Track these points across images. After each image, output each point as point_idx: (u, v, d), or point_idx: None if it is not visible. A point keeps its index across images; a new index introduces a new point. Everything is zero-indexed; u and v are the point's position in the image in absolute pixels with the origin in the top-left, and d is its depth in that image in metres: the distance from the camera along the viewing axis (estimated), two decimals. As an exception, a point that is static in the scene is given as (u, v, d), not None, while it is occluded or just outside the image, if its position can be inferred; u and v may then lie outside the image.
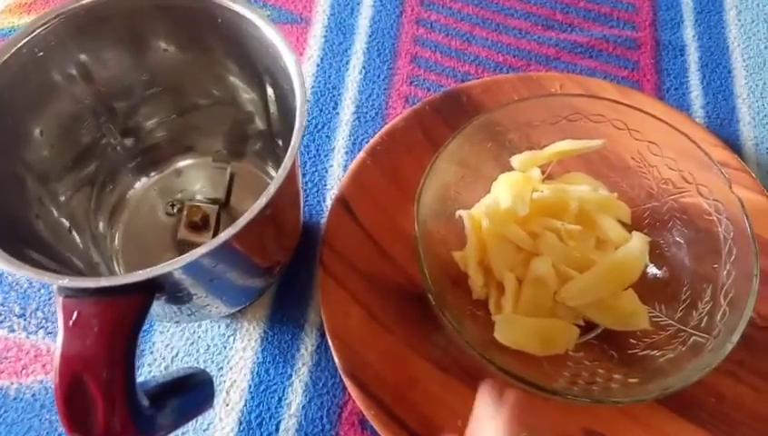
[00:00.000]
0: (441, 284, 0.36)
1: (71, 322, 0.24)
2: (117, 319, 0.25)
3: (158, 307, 0.32)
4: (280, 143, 0.39)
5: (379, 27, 0.53)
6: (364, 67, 0.51)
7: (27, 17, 0.54)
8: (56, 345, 0.25)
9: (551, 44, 0.52)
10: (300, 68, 0.30)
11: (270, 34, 0.31)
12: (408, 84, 0.50)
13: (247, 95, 0.38)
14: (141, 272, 0.25)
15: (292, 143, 0.28)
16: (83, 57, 0.34)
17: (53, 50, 0.32)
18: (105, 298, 0.25)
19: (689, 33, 0.53)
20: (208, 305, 0.33)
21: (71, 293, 0.25)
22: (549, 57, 0.52)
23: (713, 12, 0.54)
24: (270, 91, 0.36)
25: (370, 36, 0.53)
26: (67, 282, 0.24)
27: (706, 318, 0.35)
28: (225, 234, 0.25)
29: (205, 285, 0.31)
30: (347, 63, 0.51)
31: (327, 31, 0.53)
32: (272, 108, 0.37)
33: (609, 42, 0.52)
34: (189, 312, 0.34)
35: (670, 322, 0.38)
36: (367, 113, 0.49)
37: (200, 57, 0.36)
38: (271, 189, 0.27)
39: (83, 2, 0.32)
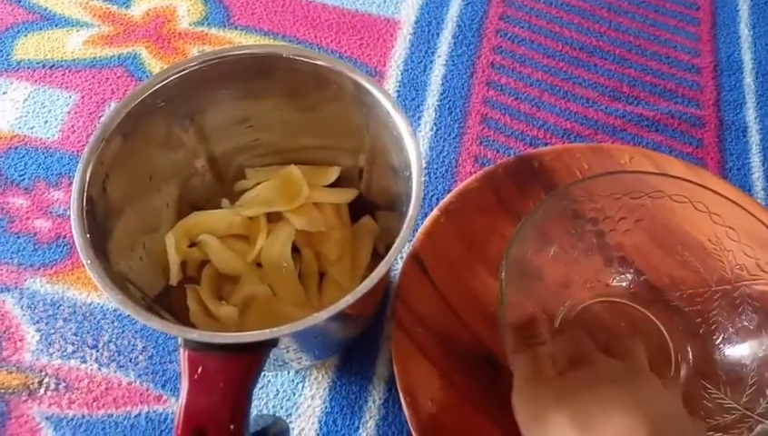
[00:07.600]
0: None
1: (196, 376, 0.25)
2: (241, 375, 0.25)
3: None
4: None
5: (451, 86, 0.54)
6: (435, 124, 0.52)
7: (109, 49, 0.56)
8: (180, 397, 0.25)
9: (618, 115, 0.54)
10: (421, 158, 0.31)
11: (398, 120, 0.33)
12: (478, 144, 0.52)
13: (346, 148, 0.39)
14: (267, 330, 0.25)
15: (405, 224, 0.29)
16: (197, 108, 0.35)
17: (173, 101, 0.33)
18: (231, 354, 0.26)
19: (751, 114, 0.54)
20: (300, 357, 0.34)
21: (197, 347, 0.26)
22: (616, 128, 0.53)
23: (775, 95, 0.56)
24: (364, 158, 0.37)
25: (442, 94, 0.54)
26: (197, 336, 0.25)
27: (775, 407, 0.36)
28: (349, 298, 0.26)
29: (308, 341, 0.31)
30: (419, 118, 0.53)
31: (400, 86, 0.54)
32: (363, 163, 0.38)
33: (674, 117, 0.54)
34: (279, 364, 0.34)
35: (735, 405, 0.38)
36: (437, 169, 0.50)
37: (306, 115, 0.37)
38: (391, 257, 0.27)
39: (207, 58, 0.33)
